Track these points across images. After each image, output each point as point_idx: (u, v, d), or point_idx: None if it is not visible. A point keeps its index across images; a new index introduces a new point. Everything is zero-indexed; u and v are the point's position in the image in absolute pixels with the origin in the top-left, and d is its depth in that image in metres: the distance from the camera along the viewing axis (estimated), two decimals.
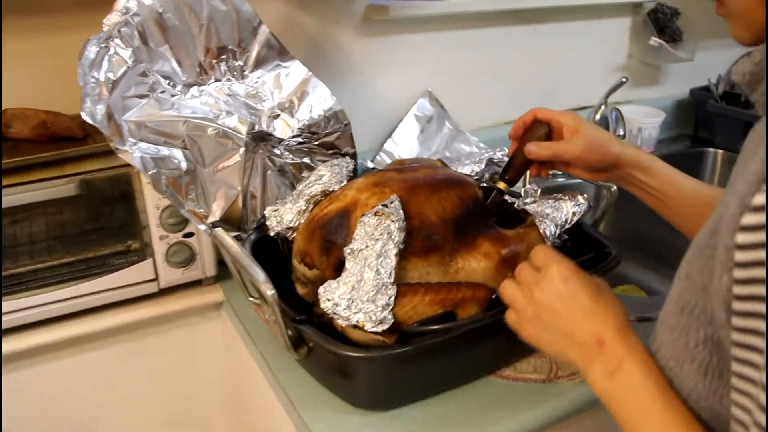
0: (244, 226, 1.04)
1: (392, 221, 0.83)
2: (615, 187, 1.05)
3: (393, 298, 0.80)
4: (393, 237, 0.82)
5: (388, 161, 1.44)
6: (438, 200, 0.90)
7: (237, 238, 1.01)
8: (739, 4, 0.54)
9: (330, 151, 1.09)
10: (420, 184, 0.92)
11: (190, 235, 1.06)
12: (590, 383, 0.62)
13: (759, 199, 0.45)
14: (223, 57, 1.00)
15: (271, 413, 0.97)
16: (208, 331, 1.18)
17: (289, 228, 0.98)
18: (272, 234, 0.99)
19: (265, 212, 0.99)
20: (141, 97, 0.92)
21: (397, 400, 0.86)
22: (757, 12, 0.53)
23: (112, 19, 0.88)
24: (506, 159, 0.95)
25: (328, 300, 0.80)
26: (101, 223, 1.04)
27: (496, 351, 0.91)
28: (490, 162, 1.11)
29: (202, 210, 0.96)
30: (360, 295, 0.80)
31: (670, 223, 0.91)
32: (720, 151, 1.74)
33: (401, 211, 0.85)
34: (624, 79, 1.50)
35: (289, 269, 0.98)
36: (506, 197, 0.99)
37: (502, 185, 0.93)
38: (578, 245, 0.99)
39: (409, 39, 1.45)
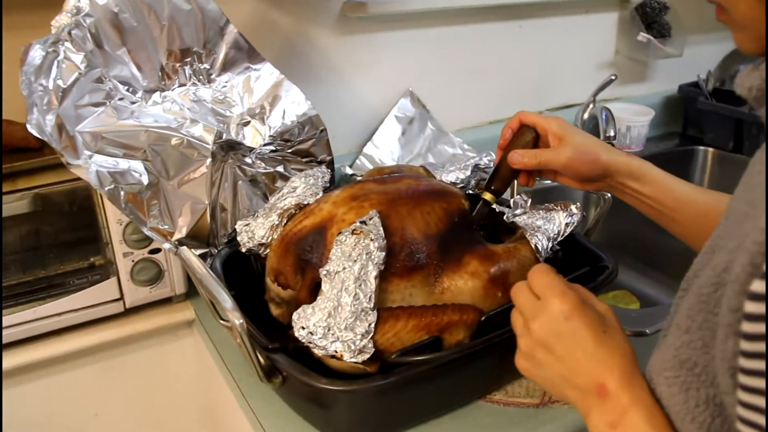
0: (214, 242, 0.97)
1: (371, 240, 0.76)
2: (609, 195, 0.99)
3: (373, 325, 0.74)
4: (372, 258, 0.75)
5: (369, 165, 1.38)
6: (421, 214, 0.84)
7: (205, 255, 0.95)
8: (745, 14, 0.48)
9: (305, 159, 1.02)
10: (402, 196, 0.85)
11: (156, 251, 0.98)
12: (589, 429, 0.56)
13: None
14: (188, 60, 0.93)
15: None
16: (181, 349, 1.11)
17: (261, 244, 0.91)
18: (243, 250, 0.93)
19: (236, 227, 0.92)
20: (96, 105, 0.84)
21: (382, 430, 0.80)
22: (762, 23, 0.47)
23: (60, 20, 0.80)
24: (493, 165, 0.90)
25: (303, 328, 0.74)
26: (60, 241, 0.97)
27: (486, 374, 0.85)
28: (476, 168, 1.05)
29: (166, 227, 0.89)
30: (337, 322, 0.73)
31: (669, 231, 0.86)
32: (710, 150, 1.69)
33: (381, 229, 0.78)
34: (613, 77, 1.44)
35: (264, 287, 0.91)
36: (495, 207, 0.93)
37: (488, 196, 0.88)
38: (571, 256, 0.93)
39: (389, 36, 1.38)
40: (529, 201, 0.93)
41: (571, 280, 0.84)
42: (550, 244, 0.89)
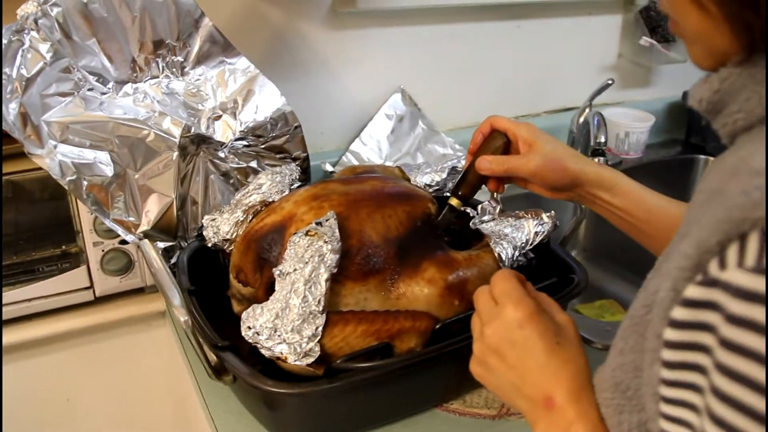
0: (184, 235, 0.97)
1: (324, 242, 0.75)
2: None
3: (321, 329, 0.73)
4: (325, 260, 0.74)
5: (355, 162, 1.37)
6: (382, 217, 0.83)
7: (173, 248, 0.95)
8: (695, 28, 0.46)
9: (279, 155, 1.02)
10: (364, 198, 0.84)
11: (126, 242, 0.99)
12: None
13: (692, 291, 0.38)
14: (161, 52, 0.92)
15: None
16: (153, 340, 1.12)
17: (225, 240, 0.91)
18: (209, 245, 0.92)
19: (203, 221, 0.92)
20: (64, 95, 0.84)
21: None
22: (715, 37, 0.45)
23: (26, 9, 0.80)
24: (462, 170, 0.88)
25: (249, 328, 0.73)
26: (31, 228, 0.97)
27: (443, 382, 0.84)
28: (453, 170, 1.03)
29: (132, 218, 0.89)
30: (284, 323, 0.72)
31: (640, 244, 0.84)
32: (712, 159, 1.65)
33: (336, 231, 0.77)
34: (610, 81, 1.41)
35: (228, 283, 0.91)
36: (467, 209, 0.92)
37: (454, 201, 0.86)
38: (545, 265, 0.92)
39: (381, 33, 1.36)
40: (498, 207, 0.91)
41: (541, 290, 0.84)
42: (517, 253, 0.87)
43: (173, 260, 0.95)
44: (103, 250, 0.97)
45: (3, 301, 0.96)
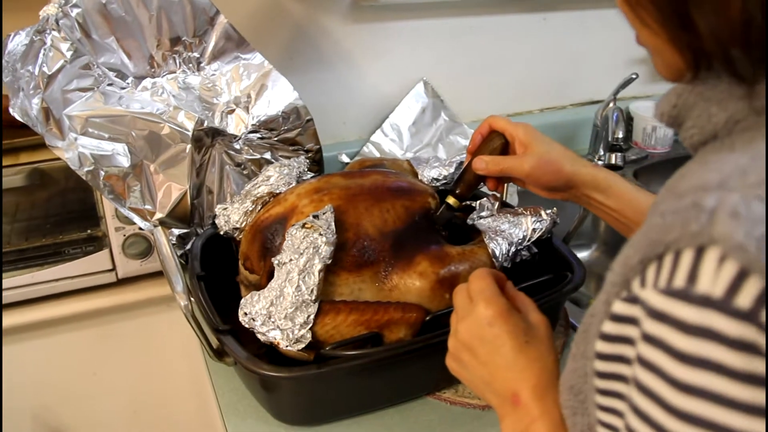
0: (200, 222, 1.02)
1: (320, 234, 0.79)
2: None
3: (312, 317, 0.77)
4: (320, 252, 0.78)
5: (376, 153, 1.40)
6: (379, 211, 0.86)
7: (188, 235, 1.00)
8: (648, 43, 0.47)
9: (292, 147, 1.05)
10: (363, 192, 0.87)
11: None
12: None
13: (618, 306, 0.40)
14: (177, 49, 0.97)
15: (213, 414, 0.96)
16: (172, 319, 1.17)
17: (236, 228, 0.95)
18: (221, 233, 0.97)
19: (216, 210, 0.97)
20: (84, 90, 0.90)
21: (323, 417, 0.83)
22: (665, 53, 0.46)
23: (48, 10, 0.85)
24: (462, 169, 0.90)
25: (246, 314, 0.78)
26: (58, 213, 1.04)
27: (435, 372, 0.86)
28: (460, 165, 1.05)
29: (148, 207, 0.94)
30: (278, 311, 0.76)
31: None
32: None
33: (332, 224, 0.81)
34: (633, 75, 1.40)
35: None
36: (471, 204, 0.94)
37: (451, 200, 0.88)
38: (548, 260, 0.93)
39: (404, 26, 1.38)
40: (497, 204, 0.93)
41: (533, 286, 0.86)
42: (513, 249, 0.89)
43: (188, 246, 1.00)
44: (124, 235, 1.03)
45: (33, 281, 1.02)
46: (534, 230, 0.91)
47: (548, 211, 0.93)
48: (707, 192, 0.36)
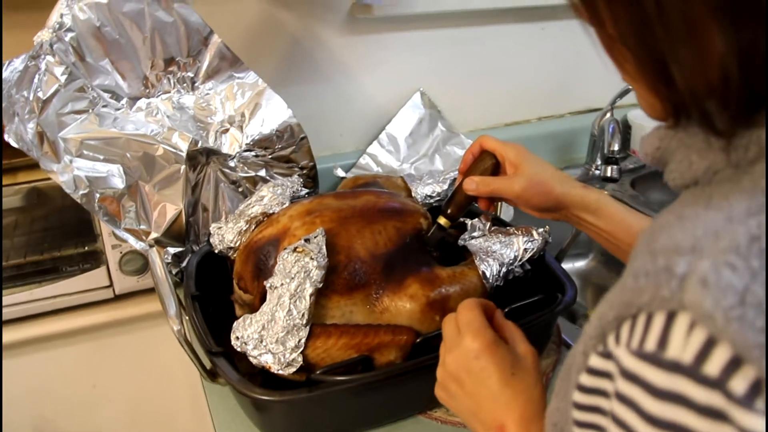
0: (196, 240, 1.03)
1: (311, 259, 0.79)
2: None
3: (303, 341, 0.77)
4: (311, 276, 0.79)
5: (373, 164, 1.40)
6: (371, 233, 0.87)
7: (179, 255, 1.01)
8: (631, 84, 0.47)
9: (287, 165, 1.06)
10: (354, 214, 0.88)
11: None
12: None
13: (594, 360, 0.40)
14: (171, 69, 0.98)
15: (209, 428, 0.97)
16: (170, 334, 1.17)
17: (230, 248, 0.96)
18: (216, 251, 0.98)
19: (210, 228, 0.98)
20: (79, 113, 0.91)
21: None
22: (646, 97, 0.46)
23: (42, 36, 0.86)
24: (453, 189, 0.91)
25: (238, 338, 0.79)
26: (55, 230, 1.05)
27: (427, 391, 0.87)
28: (454, 182, 1.06)
29: (143, 227, 0.95)
30: (270, 335, 0.77)
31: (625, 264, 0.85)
32: None
33: (323, 248, 0.81)
34: (630, 87, 1.39)
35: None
36: (466, 221, 0.94)
37: (442, 221, 0.89)
38: (540, 278, 0.94)
39: (400, 37, 1.39)
40: (488, 224, 0.94)
41: (524, 307, 0.86)
42: (504, 269, 0.89)
43: (183, 264, 1.01)
44: (121, 252, 1.04)
45: (32, 297, 1.04)
46: (525, 250, 0.92)
47: (540, 230, 0.94)
48: (680, 256, 0.36)
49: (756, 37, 0.35)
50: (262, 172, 1.05)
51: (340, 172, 1.26)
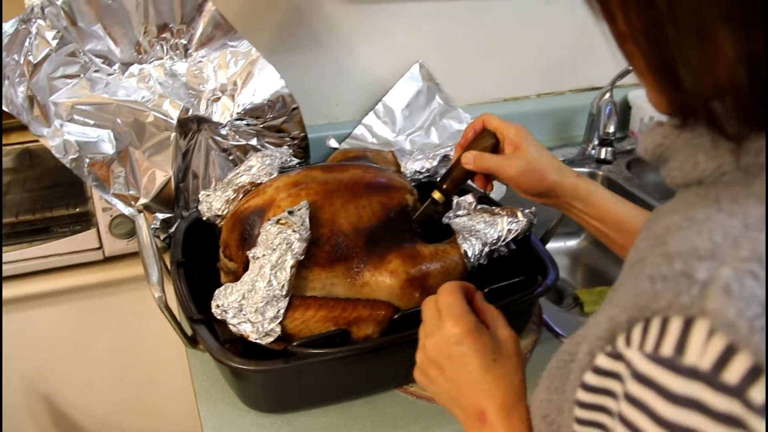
0: (185, 206, 1.04)
1: (293, 231, 0.80)
2: None
3: (283, 311, 0.79)
4: (292, 248, 0.80)
5: (368, 135, 1.40)
6: (355, 207, 0.87)
7: (167, 220, 1.02)
8: (639, 78, 0.46)
9: (278, 134, 1.06)
10: (340, 188, 0.89)
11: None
12: None
13: (602, 360, 0.40)
14: (164, 35, 0.97)
15: (190, 395, 1.00)
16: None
17: (217, 215, 0.97)
18: (204, 218, 0.99)
19: (199, 196, 0.99)
20: (70, 77, 0.91)
21: (291, 406, 0.86)
22: (653, 93, 0.44)
23: (34, 0, 0.86)
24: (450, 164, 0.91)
25: (218, 306, 0.80)
26: (47, 192, 1.06)
27: (401, 366, 0.89)
28: (444, 158, 1.06)
29: (132, 192, 0.96)
30: (249, 304, 0.79)
31: (615, 253, 0.86)
32: None
33: (307, 221, 0.82)
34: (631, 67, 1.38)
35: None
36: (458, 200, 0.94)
37: (437, 195, 0.89)
38: (524, 258, 0.95)
39: (401, 8, 1.37)
40: (474, 204, 0.94)
41: (505, 287, 0.87)
42: (487, 249, 0.90)
43: (172, 229, 1.02)
44: (111, 215, 1.05)
45: (23, 257, 1.05)
46: (510, 231, 0.92)
47: (526, 212, 0.94)
48: (699, 261, 0.35)
49: (766, 45, 0.35)
50: (254, 141, 1.06)
51: (333, 143, 1.26)
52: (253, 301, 0.79)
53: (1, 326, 1.11)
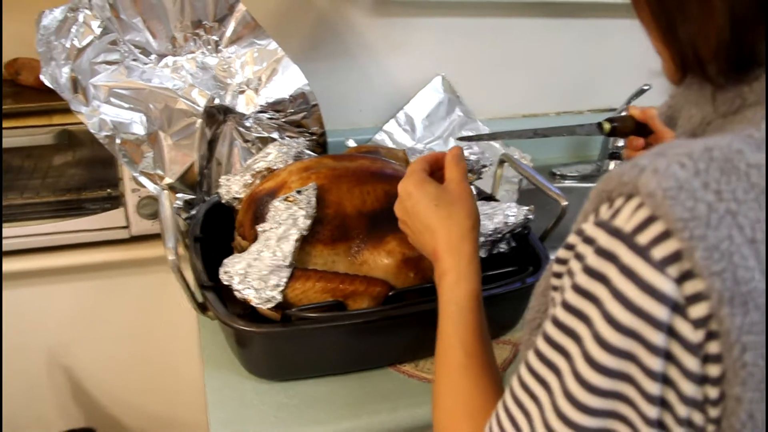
0: (206, 190, 1.11)
1: (300, 208, 0.87)
2: (566, 202, 1.03)
3: (285, 280, 0.85)
4: (298, 223, 0.86)
5: (388, 141, 1.47)
6: (360, 192, 0.93)
7: (190, 202, 1.09)
8: (654, 45, 0.53)
9: (298, 129, 1.14)
10: (347, 174, 0.95)
11: None
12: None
13: (571, 238, 0.47)
14: (198, 31, 1.06)
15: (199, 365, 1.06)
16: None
17: (235, 198, 1.04)
18: (223, 201, 1.06)
19: (220, 180, 1.06)
20: (110, 63, 1.00)
21: (289, 373, 0.91)
22: (664, 56, 0.51)
23: None
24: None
25: (225, 272, 0.86)
26: (82, 171, 1.15)
27: (399, 344, 0.94)
28: None
29: (159, 171, 1.04)
30: (254, 272, 0.85)
31: None
32: None
33: (313, 200, 0.88)
34: (646, 87, 1.43)
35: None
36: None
37: (606, 125, 0.98)
38: (523, 253, 1.00)
39: (426, 22, 1.44)
40: (475, 193, 0.99)
41: (498, 275, 0.92)
42: (482, 239, 0.95)
43: (193, 211, 1.10)
44: (139, 196, 1.13)
45: (56, 230, 1.14)
46: (506, 224, 0.97)
47: (524, 208, 0.99)
48: (648, 156, 0.43)
49: (747, 11, 0.43)
50: (275, 134, 1.13)
51: (352, 143, 1.32)
52: (258, 269, 0.85)
53: (0, 302, 1.19)
